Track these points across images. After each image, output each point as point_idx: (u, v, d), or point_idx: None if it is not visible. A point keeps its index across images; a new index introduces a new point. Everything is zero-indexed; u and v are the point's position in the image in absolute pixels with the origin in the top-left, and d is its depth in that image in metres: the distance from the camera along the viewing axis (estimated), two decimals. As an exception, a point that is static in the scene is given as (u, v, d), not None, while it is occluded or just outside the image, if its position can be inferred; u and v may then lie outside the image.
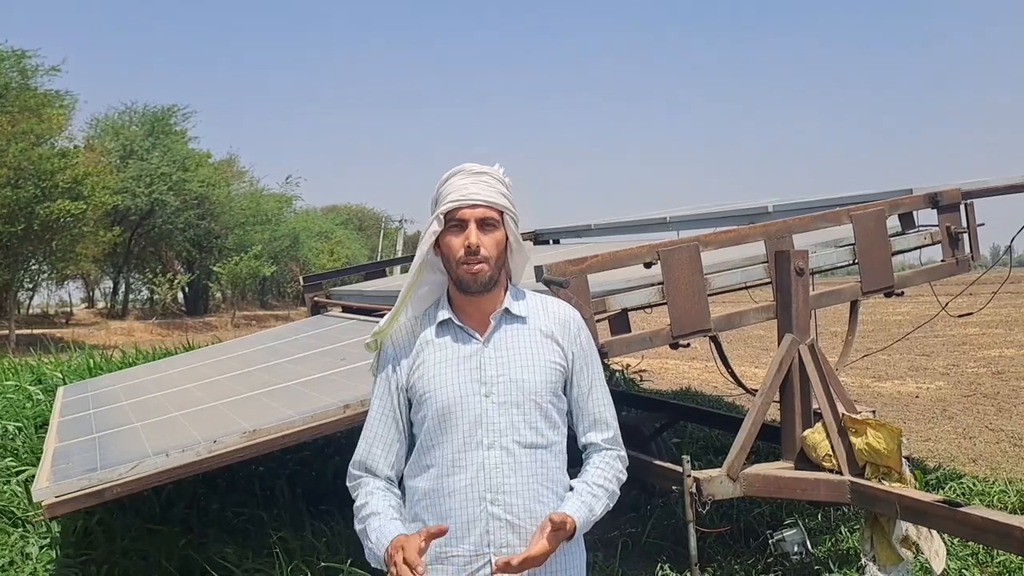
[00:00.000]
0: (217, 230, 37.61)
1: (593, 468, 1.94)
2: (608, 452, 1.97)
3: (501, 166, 1.92)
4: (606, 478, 1.93)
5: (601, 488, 1.91)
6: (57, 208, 22.18)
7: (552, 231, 7.75)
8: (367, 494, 1.89)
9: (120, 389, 5.27)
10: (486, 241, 1.83)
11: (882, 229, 4.13)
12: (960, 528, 3.14)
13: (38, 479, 3.05)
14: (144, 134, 34.12)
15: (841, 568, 3.89)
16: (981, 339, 15.72)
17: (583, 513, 1.84)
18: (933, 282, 4.55)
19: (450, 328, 1.91)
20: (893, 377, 11.39)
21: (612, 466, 1.95)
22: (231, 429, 3.18)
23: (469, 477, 1.82)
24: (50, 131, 23.83)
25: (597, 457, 1.96)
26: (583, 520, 1.83)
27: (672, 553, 4.19)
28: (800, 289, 3.78)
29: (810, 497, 3.71)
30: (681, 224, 6.03)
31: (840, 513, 4.71)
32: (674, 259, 3.60)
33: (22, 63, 24.20)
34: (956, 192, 4.38)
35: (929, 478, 5.40)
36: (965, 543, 4.11)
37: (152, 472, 2.90)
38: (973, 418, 8.37)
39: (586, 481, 1.92)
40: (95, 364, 8.98)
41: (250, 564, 3.76)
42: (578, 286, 3.38)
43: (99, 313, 37.66)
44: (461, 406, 1.83)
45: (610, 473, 1.94)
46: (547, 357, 1.89)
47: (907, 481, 3.52)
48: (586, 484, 1.91)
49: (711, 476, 3.57)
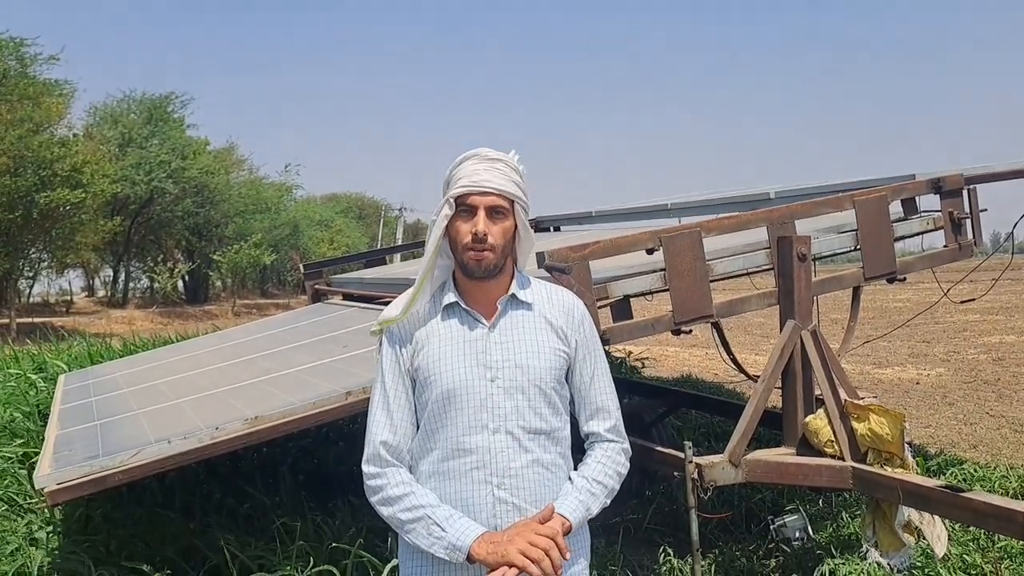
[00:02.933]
0: (217, 218, 37.60)
1: (594, 463, 1.94)
2: (611, 445, 1.96)
3: (516, 153, 1.91)
4: (606, 474, 1.93)
5: (600, 485, 1.91)
6: (57, 196, 22.15)
7: (553, 218, 7.73)
8: (403, 484, 1.84)
9: (121, 376, 5.27)
10: (494, 230, 1.82)
11: (884, 215, 4.12)
12: (962, 513, 3.14)
13: (40, 466, 3.05)
14: (142, 122, 34.03)
15: (843, 553, 3.89)
16: (981, 326, 15.72)
17: (580, 514, 1.86)
18: (934, 268, 4.54)
19: (456, 312, 1.90)
20: (894, 363, 11.40)
21: (614, 460, 1.95)
22: (233, 416, 3.18)
23: (475, 460, 1.82)
24: (49, 119, 23.77)
25: (599, 450, 1.95)
26: (579, 520, 1.85)
27: (673, 539, 4.19)
28: (802, 275, 3.77)
29: (812, 483, 3.70)
30: (683, 211, 6.01)
31: (841, 499, 4.72)
32: (676, 245, 3.59)
33: (20, 51, 24.10)
34: (959, 177, 4.36)
35: (930, 464, 5.41)
36: (966, 528, 4.12)
37: (154, 459, 2.90)
38: (974, 404, 8.38)
39: (585, 476, 1.91)
40: (96, 352, 8.99)
41: (252, 551, 3.77)
42: (580, 272, 3.37)
43: (99, 302, 37.65)
44: (466, 390, 1.83)
45: (611, 468, 1.94)
46: (551, 344, 1.90)
47: (909, 467, 3.53)
48: (585, 480, 1.90)
49: (713, 462, 3.57)
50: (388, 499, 1.84)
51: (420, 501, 1.82)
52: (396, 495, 1.83)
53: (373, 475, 1.87)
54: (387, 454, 1.87)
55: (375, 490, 1.86)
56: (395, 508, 1.83)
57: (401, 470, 1.87)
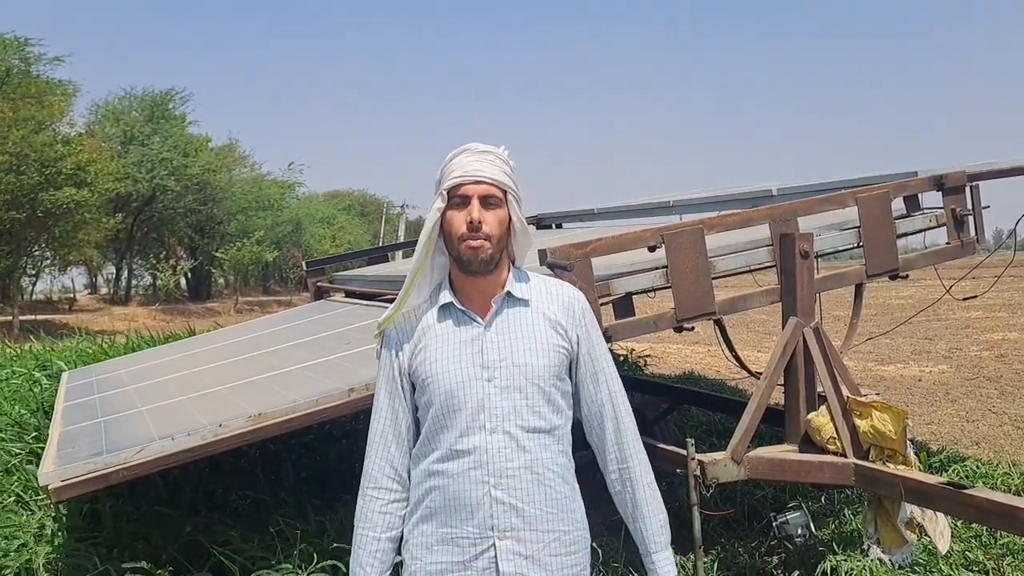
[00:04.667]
0: (219, 216, 37.63)
1: (648, 514, 1.97)
2: (636, 471, 1.96)
3: (506, 148, 1.91)
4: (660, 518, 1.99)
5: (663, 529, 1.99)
6: (61, 195, 22.17)
7: (555, 215, 7.73)
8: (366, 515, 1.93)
9: (124, 374, 5.28)
10: (488, 218, 1.81)
11: (887, 212, 4.11)
12: (964, 510, 3.15)
13: (44, 463, 3.05)
14: (144, 119, 34.05)
15: (845, 550, 3.89)
16: (984, 322, 15.71)
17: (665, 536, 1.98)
18: (937, 265, 4.54)
19: (451, 312, 1.89)
20: (896, 361, 11.40)
21: (652, 486, 1.98)
22: (236, 413, 3.18)
23: (472, 461, 1.82)
24: (51, 117, 23.79)
25: (637, 485, 1.95)
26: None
27: (676, 536, 4.15)
28: (805, 272, 3.77)
29: (814, 480, 3.71)
30: (685, 208, 6.01)
31: (843, 496, 4.72)
32: (678, 242, 3.59)
33: (24, 51, 24.13)
34: (961, 174, 4.36)
35: (932, 461, 5.41)
36: (968, 525, 4.12)
37: (158, 456, 2.91)
38: (976, 401, 8.38)
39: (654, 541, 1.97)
40: (99, 350, 9.00)
41: (255, 551, 3.77)
42: (582, 270, 3.37)
43: (102, 299, 37.72)
44: (464, 391, 1.83)
45: (655, 496, 1.98)
46: (550, 340, 1.88)
47: (911, 464, 3.53)
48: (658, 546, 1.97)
49: (715, 459, 3.57)
50: (360, 516, 1.94)
51: (355, 537, 1.93)
52: (365, 516, 1.93)
53: (363, 492, 1.95)
54: (379, 474, 1.92)
55: (360, 504, 1.95)
56: (357, 524, 1.95)
57: (381, 500, 1.92)
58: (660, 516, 1.97)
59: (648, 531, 1.95)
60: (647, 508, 1.95)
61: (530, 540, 1.82)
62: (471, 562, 1.81)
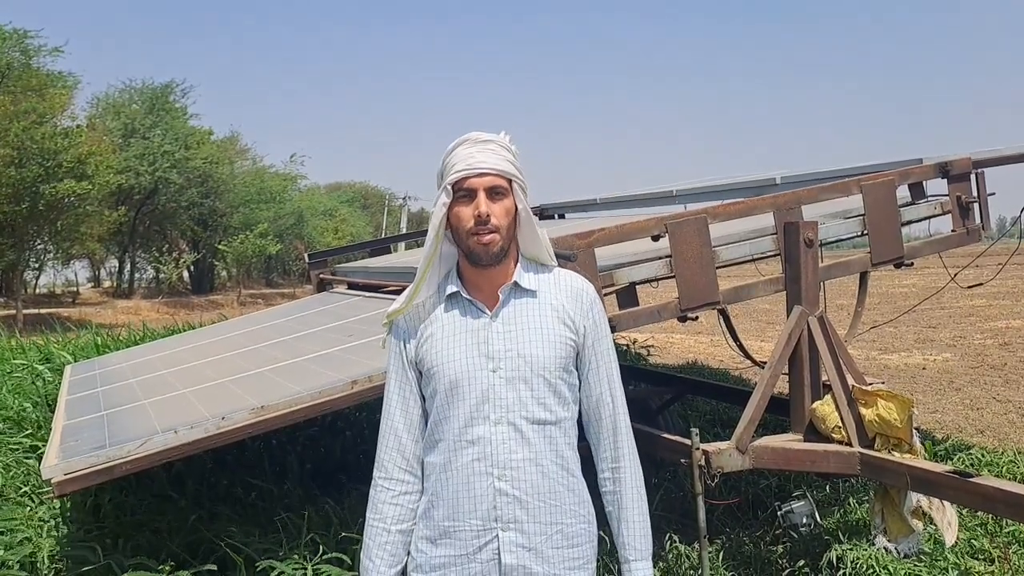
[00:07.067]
0: (222, 208, 37.61)
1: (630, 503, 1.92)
2: (627, 473, 1.92)
3: (507, 133, 1.88)
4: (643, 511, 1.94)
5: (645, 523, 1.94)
6: (62, 188, 22.17)
7: (558, 205, 7.71)
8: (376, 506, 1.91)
9: (128, 367, 5.28)
10: (496, 210, 1.79)
11: (892, 199, 4.09)
12: (971, 499, 3.14)
13: (47, 457, 3.05)
14: (145, 112, 33.99)
15: (850, 539, 3.89)
16: (988, 311, 15.67)
17: None
18: (941, 253, 4.52)
19: (459, 302, 1.88)
20: (900, 349, 11.37)
21: (640, 492, 1.94)
22: (239, 405, 3.18)
23: (477, 452, 1.81)
24: (52, 110, 23.75)
25: (625, 489, 1.92)
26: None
27: (680, 525, 4.19)
28: (809, 261, 3.75)
29: (819, 469, 3.70)
30: (688, 197, 5.99)
31: (849, 485, 4.71)
32: (682, 232, 3.57)
33: (24, 43, 24.08)
34: (966, 161, 4.34)
35: (937, 449, 5.40)
36: (974, 513, 4.11)
37: (161, 448, 2.90)
38: (980, 389, 8.36)
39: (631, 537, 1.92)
40: (102, 343, 9.01)
41: (260, 543, 3.77)
42: (585, 260, 3.36)
43: (105, 292, 37.75)
44: (468, 381, 1.81)
45: (642, 504, 1.94)
46: (557, 331, 1.85)
47: (917, 452, 3.52)
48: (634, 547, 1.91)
49: (720, 448, 3.56)
50: (371, 506, 1.93)
51: (366, 536, 1.91)
52: (376, 507, 1.91)
53: (375, 482, 1.93)
54: (390, 464, 1.90)
55: (372, 494, 1.93)
56: (368, 515, 1.93)
57: (382, 492, 1.90)
58: (643, 525, 1.92)
59: (630, 538, 1.91)
60: (632, 515, 1.91)
61: (533, 532, 1.81)
62: (474, 554, 1.81)
